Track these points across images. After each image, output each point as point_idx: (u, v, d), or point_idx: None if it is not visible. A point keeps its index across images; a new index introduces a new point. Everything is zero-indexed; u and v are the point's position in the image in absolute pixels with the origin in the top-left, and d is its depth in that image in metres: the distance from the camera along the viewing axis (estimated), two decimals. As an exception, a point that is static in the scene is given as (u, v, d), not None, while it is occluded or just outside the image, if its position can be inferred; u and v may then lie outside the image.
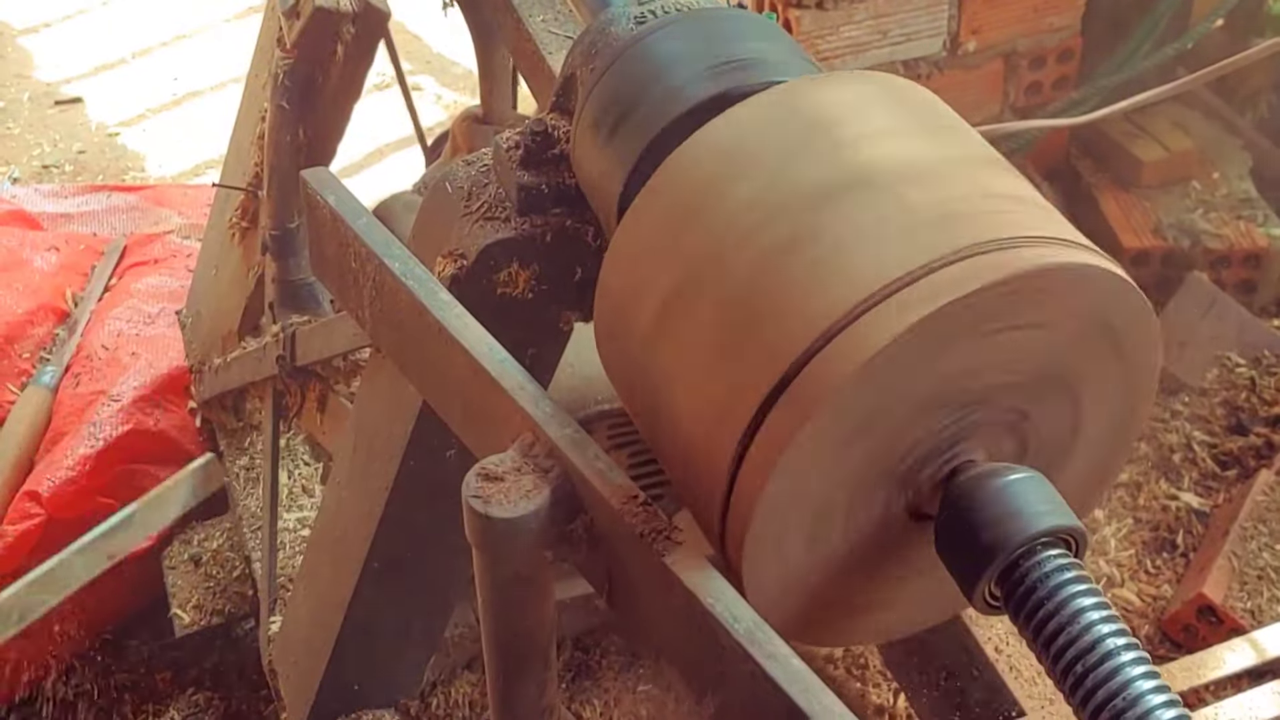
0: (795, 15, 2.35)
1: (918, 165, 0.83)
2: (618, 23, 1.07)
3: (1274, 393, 2.29)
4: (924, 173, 0.82)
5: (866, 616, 0.90)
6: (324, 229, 1.08)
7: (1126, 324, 0.81)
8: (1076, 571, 0.75)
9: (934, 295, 0.72)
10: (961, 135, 0.89)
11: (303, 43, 1.70)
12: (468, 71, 3.79)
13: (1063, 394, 0.83)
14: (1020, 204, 0.81)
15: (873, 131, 0.85)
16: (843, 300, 0.75)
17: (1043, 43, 2.61)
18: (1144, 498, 2.17)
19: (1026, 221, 0.79)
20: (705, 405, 0.80)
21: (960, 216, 0.78)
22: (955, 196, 0.80)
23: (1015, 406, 0.82)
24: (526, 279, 1.12)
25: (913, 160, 0.83)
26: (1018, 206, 0.81)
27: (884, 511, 0.82)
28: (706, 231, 0.83)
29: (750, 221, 0.81)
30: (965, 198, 0.80)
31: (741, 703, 0.76)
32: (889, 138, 0.85)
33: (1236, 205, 2.60)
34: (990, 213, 0.79)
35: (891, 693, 1.83)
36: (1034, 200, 0.83)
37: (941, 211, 0.78)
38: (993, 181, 0.83)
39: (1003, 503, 0.77)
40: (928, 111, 0.90)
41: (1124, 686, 0.71)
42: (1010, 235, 0.76)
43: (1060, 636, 0.73)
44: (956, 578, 0.79)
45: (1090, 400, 0.85)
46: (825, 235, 0.78)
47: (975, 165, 0.85)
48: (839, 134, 0.84)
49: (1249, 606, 1.88)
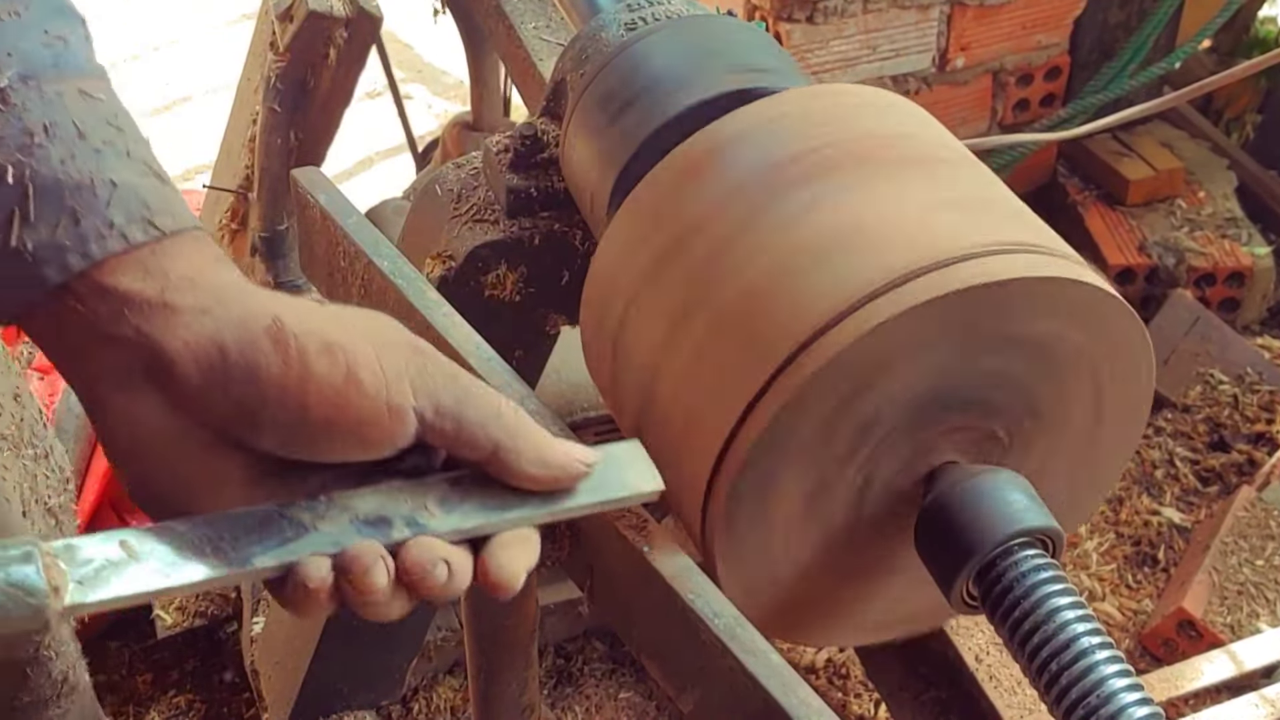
0: (785, 29, 2.37)
1: (907, 174, 0.84)
2: (608, 29, 1.08)
3: (1256, 410, 2.30)
4: (913, 180, 0.83)
5: (846, 617, 0.90)
6: (313, 228, 1.09)
7: (1114, 337, 0.82)
8: (1053, 571, 0.76)
9: (916, 293, 0.73)
10: (954, 149, 0.90)
11: (295, 46, 1.71)
12: (459, 81, 3.80)
13: (1049, 399, 0.83)
14: (1017, 216, 0.83)
15: (858, 139, 0.87)
16: (827, 305, 0.75)
17: (1031, 60, 2.63)
18: (1126, 512, 2.18)
19: (1020, 231, 0.80)
20: (690, 407, 0.81)
21: (950, 223, 0.79)
22: (950, 200, 0.81)
23: (999, 409, 0.83)
24: (514, 281, 1.13)
25: (901, 169, 0.84)
26: (1012, 216, 0.82)
27: (864, 510, 0.83)
28: (688, 233, 0.84)
29: (733, 224, 0.82)
30: (960, 203, 0.81)
31: (720, 697, 0.77)
32: (875, 147, 0.86)
33: (1221, 224, 2.62)
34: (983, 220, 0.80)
35: (873, 703, 1.84)
36: (1028, 214, 0.85)
37: (931, 217, 0.79)
38: (991, 192, 0.85)
39: (981, 503, 0.78)
40: (915, 124, 0.91)
41: (1098, 684, 0.72)
42: (1000, 242, 0.78)
43: (1036, 635, 0.74)
44: (935, 576, 0.80)
45: (1079, 408, 0.86)
46: (808, 241, 0.79)
47: (974, 180, 0.86)
48: (824, 139, 0.85)
49: (1229, 621, 1.89)
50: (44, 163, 0.62)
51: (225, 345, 0.63)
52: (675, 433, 0.82)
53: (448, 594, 0.65)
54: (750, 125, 0.88)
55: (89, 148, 0.64)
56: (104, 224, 0.63)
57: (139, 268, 0.63)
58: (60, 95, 0.64)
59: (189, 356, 0.63)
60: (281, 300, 0.66)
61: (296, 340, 0.63)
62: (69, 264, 0.62)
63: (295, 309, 0.65)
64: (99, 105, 0.66)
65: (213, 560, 0.62)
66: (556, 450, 0.69)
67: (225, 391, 0.63)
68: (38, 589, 0.56)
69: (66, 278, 0.62)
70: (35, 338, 0.65)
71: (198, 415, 0.64)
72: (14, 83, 0.62)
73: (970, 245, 0.76)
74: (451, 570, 0.64)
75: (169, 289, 0.63)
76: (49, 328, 0.64)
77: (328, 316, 0.66)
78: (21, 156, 0.62)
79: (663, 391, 0.83)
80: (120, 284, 0.63)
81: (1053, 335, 0.79)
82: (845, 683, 1.88)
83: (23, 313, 0.64)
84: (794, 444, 0.76)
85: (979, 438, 0.83)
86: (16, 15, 0.64)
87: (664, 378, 0.83)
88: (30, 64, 0.63)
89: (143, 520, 0.67)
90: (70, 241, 0.62)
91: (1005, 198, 0.86)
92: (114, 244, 0.63)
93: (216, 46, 4.01)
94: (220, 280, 0.65)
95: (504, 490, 0.68)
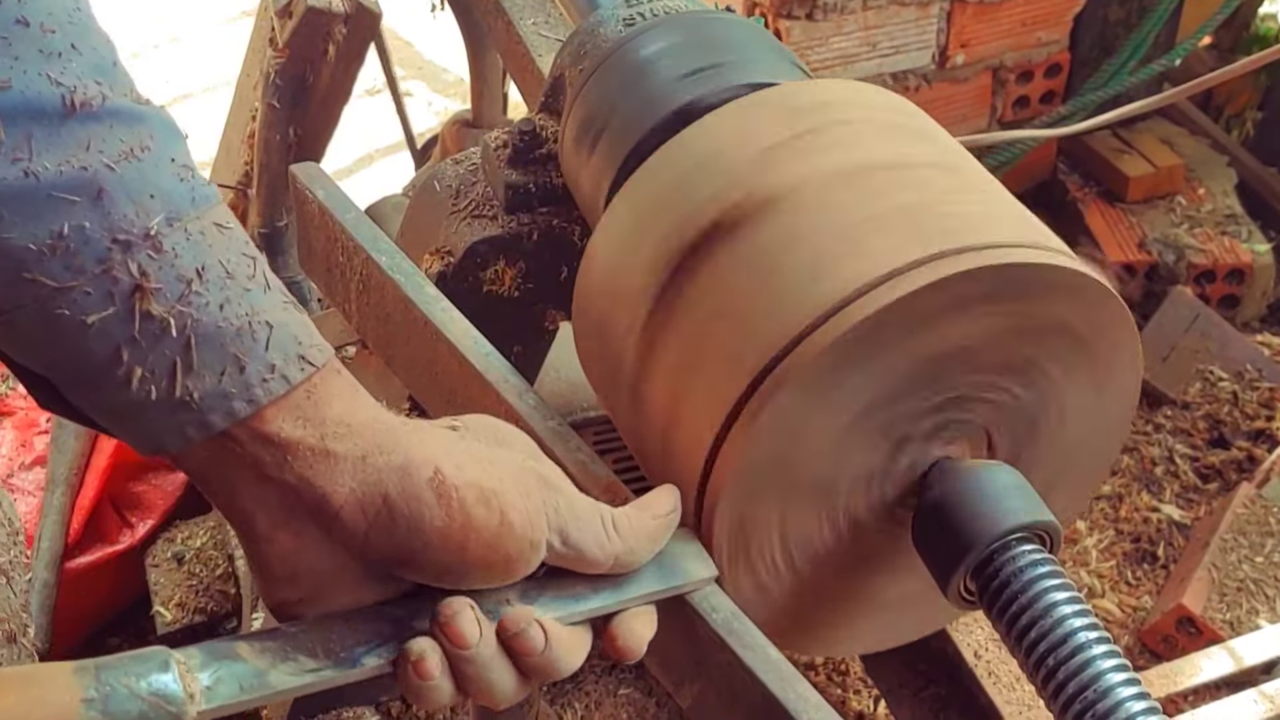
0: (785, 26, 2.36)
1: (899, 164, 0.84)
2: (607, 24, 1.08)
3: (1256, 407, 2.30)
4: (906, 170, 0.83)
5: (844, 621, 0.90)
6: (312, 223, 1.09)
7: (1103, 327, 0.82)
8: (1050, 566, 0.76)
9: (909, 282, 0.73)
10: (946, 142, 0.90)
11: (294, 42, 1.71)
12: (458, 78, 3.80)
13: (1023, 374, 0.83)
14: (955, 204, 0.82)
15: (851, 133, 0.86)
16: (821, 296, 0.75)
17: (1030, 57, 2.63)
18: (1125, 509, 2.18)
19: (1010, 224, 0.80)
20: (684, 404, 0.81)
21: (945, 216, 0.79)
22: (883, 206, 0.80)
23: (993, 403, 0.82)
24: (513, 277, 1.13)
25: (894, 160, 0.84)
26: (1007, 210, 0.82)
27: (859, 507, 0.83)
28: (682, 226, 0.84)
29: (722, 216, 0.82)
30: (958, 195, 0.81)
31: (718, 692, 0.77)
32: (865, 138, 0.86)
33: (1221, 221, 2.61)
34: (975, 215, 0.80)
35: (872, 699, 1.84)
36: (1021, 209, 0.85)
37: (921, 211, 0.79)
38: (989, 187, 0.84)
39: (978, 497, 0.78)
40: (906, 117, 0.91)
41: (1095, 679, 0.72)
42: (990, 236, 0.77)
43: (1033, 630, 0.74)
44: (933, 572, 0.80)
45: (1073, 400, 0.85)
46: (802, 234, 0.79)
47: (969, 170, 0.86)
48: (817, 132, 0.85)
49: (1228, 618, 1.89)
50: (203, 310, 0.62)
51: (389, 495, 0.66)
52: (674, 435, 0.82)
53: (552, 663, 0.69)
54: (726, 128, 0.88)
55: (239, 288, 0.64)
56: (265, 368, 0.64)
57: (296, 412, 0.65)
58: (203, 234, 0.63)
59: (354, 505, 0.65)
60: (432, 443, 0.68)
61: (458, 492, 0.66)
62: (234, 410, 0.63)
63: (450, 455, 0.68)
64: (233, 236, 0.66)
65: (324, 660, 0.66)
66: (642, 549, 0.74)
67: (389, 537, 0.66)
68: (176, 697, 0.59)
69: (231, 423, 0.63)
70: (186, 470, 0.67)
71: (358, 554, 0.67)
72: (161, 227, 0.61)
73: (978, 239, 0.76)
74: (549, 638, 0.68)
75: (328, 436, 0.65)
76: (204, 465, 0.66)
77: (479, 461, 0.69)
78: (181, 307, 0.62)
79: (657, 393, 0.83)
80: (282, 431, 0.64)
81: (1000, 319, 0.78)
82: (844, 679, 1.88)
83: (179, 453, 0.65)
84: (788, 436, 0.76)
85: (975, 431, 0.83)
86: (148, 150, 0.62)
87: (658, 378, 0.83)
88: (173, 204, 0.62)
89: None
90: (235, 389, 0.63)
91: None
92: (276, 386, 0.64)
93: (216, 43, 4.01)
94: (369, 418, 0.67)
95: (575, 579, 0.73)
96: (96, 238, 0.60)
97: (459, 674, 0.67)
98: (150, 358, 0.61)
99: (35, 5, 0.59)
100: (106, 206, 0.60)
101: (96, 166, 0.60)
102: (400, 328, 1.00)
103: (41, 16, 0.60)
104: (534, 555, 0.69)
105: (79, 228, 0.59)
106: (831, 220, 0.79)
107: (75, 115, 0.59)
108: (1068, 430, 0.86)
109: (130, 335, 0.61)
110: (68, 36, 0.60)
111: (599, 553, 0.71)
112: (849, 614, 0.89)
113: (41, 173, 0.58)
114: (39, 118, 0.58)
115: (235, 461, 0.65)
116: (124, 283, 0.60)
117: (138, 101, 0.64)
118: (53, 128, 0.59)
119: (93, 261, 0.60)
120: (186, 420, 0.63)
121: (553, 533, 0.70)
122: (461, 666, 0.67)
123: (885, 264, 0.74)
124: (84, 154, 0.59)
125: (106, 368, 0.61)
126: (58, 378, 0.64)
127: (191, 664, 0.61)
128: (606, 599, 0.73)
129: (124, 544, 1.98)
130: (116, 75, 0.63)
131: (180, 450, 0.64)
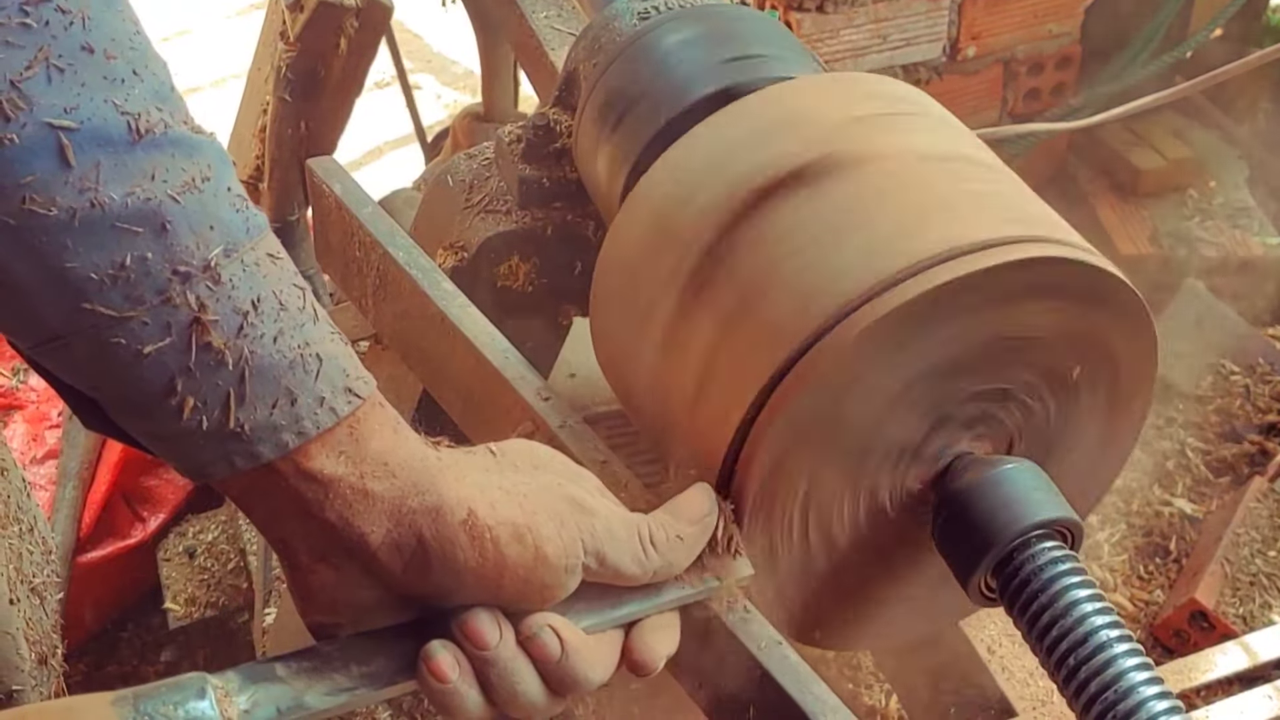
0: (796, 18, 2.36)
1: (977, 160, 0.84)
2: (621, 18, 1.07)
3: (1268, 400, 2.29)
4: (984, 167, 0.84)
5: (864, 615, 0.90)
6: (329, 218, 1.09)
7: (1134, 359, 0.83)
8: (1071, 564, 0.76)
9: (1000, 254, 0.74)
10: (957, 132, 0.90)
11: (306, 36, 1.71)
12: (468, 71, 3.79)
13: (1060, 390, 0.83)
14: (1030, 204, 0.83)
15: (929, 122, 0.87)
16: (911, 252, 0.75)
17: (1042, 49, 2.62)
18: (1137, 504, 2.18)
19: (1027, 217, 0.80)
20: (734, 343, 0.80)
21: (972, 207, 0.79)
22: (967, 189, 0.80)
23: (1029, 410, 0.82)
24: (527, 272, 1.13)
25: (971, 154, 0.85)
26: (1025, 205, 0.82)
27: (883, 486, 0.82)
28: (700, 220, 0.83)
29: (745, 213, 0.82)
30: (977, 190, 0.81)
31: (734, 694, 0.77)
32: (941, 129, 0.87)
33: (1233, 214, 2.60)
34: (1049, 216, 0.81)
35: (884, 694, 1.84)
36: (1041, 204, 0.85)
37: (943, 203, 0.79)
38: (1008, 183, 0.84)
39: (999, 494, 0.77)
40: (922, 109, 0.91)
41: (1117, 678, 0.71)
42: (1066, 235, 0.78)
43: (1054, 628, 0.74)
44: (953, 569, 0.80)
45: (1085, 438, 0.86)
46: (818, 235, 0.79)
47: (986, 165, 0.86)
48: (898, 115, 0.86)
49: (1241, 612, 1.88)
50: (258, 343, 0.62)
51: (424, 538, 0.66)
52: (694, 430, 0.82)
53: (572, 672, 0.69)
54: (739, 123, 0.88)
55: (292, 320, 0.64)
56: (315, 400, 0.64)
57: (339, 448, 0.65)
58: (258, 265, 0.63)
59: (390, 546, 0.66)
60: (468, 482, 0.68)
61: (490, 532, 0.67)
62: (284, 441, 0.63)
63: (485, 492, 0.68)
64: (284, 266, 0.65)
65: (359, 679, 0.66)
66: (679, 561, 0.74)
67: (424, 576, 0.67)
68: None
69: (279, 455, 0.63)
70: (227, 493, 0.67)
71: (394, 590, 0.68)
72: (220, 259, 0.61)
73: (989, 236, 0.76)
74: (564, 645, 0.68)
75: (368, 475, 0.66)
76: (247, 493, 0.66)
77: (512, 496, 0.69)
78: (237, 340, 0.62)
79: (676, 390, 0.83)
80: (325, 469, 0.65)
81: (1065, 318, 0.79)
82: (856, 674, 1.87)
83: (223, 482, 0.65)
84: (810, 430, 0.76)
85: (995, 427, 0.83)
86: (208, 180, 0.62)
87: (678, 375, 0.83)
88: (230, 235, 0.62)
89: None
90: (285, 421, 0.63)
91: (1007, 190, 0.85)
92: (325, 419, 0.64)
93: (226, 37, 4.01)
94: (407, 455, 0.67)
95: (606, 587, 0.72)
96: (158, 269, 0.59)
97: (483, 679, 0.67)
98: (204, 389, 0.61)
99: (99, 31, 0.59)
100: (169, 238, 0.60)
101: (161, 197, 0.59)
102: (417, 323, 1.00)
103: (105, 43, 0.59)
104: (570, 580, 0.70)
105: (141, 259, 0.59)
106: (923, 188, 0.79)
107: (140, 143, 0.59)
108: (1066, 472, 0.86)
109: (186, 366, 0.61)
110: (129, 62, 0.60)
111: (637, 569, 0.72)
112: (843, 603, 0.88)
113: (108, 203, 0.58)
114: (106, 145, 0.58)
115: (278, 494, 0.65)
116: (182, 314, 0.60)
117: (193, 129, 0.63)
118: (119, 156, 0.58)
119: (152, 292, 0.59)
120: (235, 450, 0.63)
121: (589, 556, 0.70)
122: (484, 670, 0.67)
123: (977, 234, 0.75)
124: (149, 184, 0.59)
125: (159, 397, 0.61)
126: (106, 402, 0.64)
127: (229, 688, 0.62)
128: (643, 604, 0.74)
129: (136, 538, 1.99)
130: (174, 101, 0.63)
131: (225, 478, 0.65)
